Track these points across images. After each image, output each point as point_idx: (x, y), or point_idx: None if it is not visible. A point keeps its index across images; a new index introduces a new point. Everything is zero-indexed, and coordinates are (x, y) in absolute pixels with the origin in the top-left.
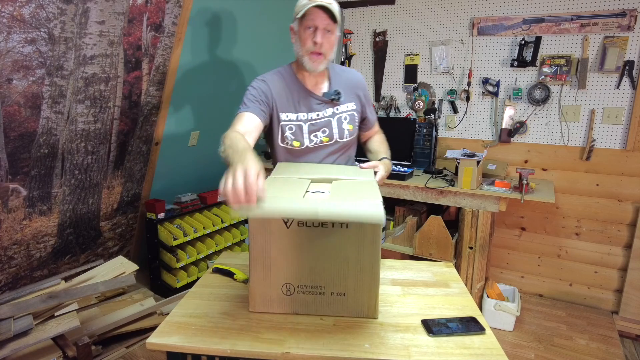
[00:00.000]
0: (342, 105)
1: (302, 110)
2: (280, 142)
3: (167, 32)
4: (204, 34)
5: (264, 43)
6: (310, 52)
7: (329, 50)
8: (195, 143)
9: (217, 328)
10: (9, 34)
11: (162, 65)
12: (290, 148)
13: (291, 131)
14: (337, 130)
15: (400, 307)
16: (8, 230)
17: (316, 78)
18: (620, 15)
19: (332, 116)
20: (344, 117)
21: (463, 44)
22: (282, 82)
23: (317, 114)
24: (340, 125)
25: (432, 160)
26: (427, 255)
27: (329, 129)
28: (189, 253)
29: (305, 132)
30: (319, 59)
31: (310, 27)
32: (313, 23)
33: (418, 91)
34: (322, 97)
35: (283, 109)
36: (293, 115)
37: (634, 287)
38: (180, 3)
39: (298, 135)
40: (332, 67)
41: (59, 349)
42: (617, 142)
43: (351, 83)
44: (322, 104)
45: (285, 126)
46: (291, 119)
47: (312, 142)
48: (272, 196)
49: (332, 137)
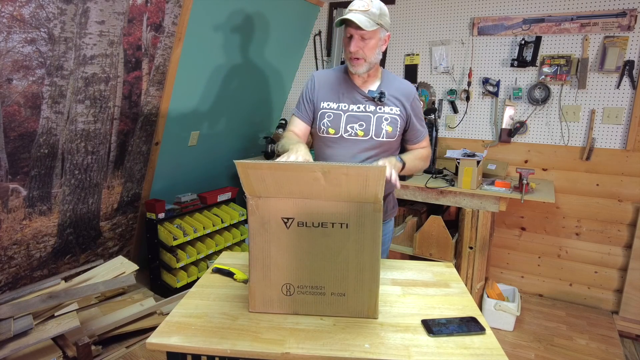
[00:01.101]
0: (386, 107)
1: (345, 101)
2: (317, 131)
3: (167, 32)
4: (204, 34)
5: (264, 42)
6: (349, 58)
7: (368, 54)
8: (195, 143)
9: (217, 328)
10: (9, 34)
11: (162, 65)
12: (326, 136)
13: (329, 119)
14: (374, 127)
15: (400, 307)
16: (8, 230)
17: (365, 78)
18: (620, 15)
19: (373, 113)
20: (384, 118)
21: (463, 44)
22: (333, 75)
23: (358, 107)
24: (380, 123)
25: (432, 160)
26: (427, 255)
27: (366, 124)
28: (189, 253)
29: (342, 121)
30: (359, 62)
31: (348, 35)
32: (348, 32)
33: (418, 91)
34: (367, 93)
35: (325, 98)
36: (334, 104)
37: (634, 287)
38: (180, 3)
39: (335, 123)
40: (387, 74)
41: (59, 349)
42: (617, 142)
43: (401, 92)
44: (366, 100)
45: (324, 114)
46: (332, 107)
47: (347, 133)
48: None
49: (368, 133)
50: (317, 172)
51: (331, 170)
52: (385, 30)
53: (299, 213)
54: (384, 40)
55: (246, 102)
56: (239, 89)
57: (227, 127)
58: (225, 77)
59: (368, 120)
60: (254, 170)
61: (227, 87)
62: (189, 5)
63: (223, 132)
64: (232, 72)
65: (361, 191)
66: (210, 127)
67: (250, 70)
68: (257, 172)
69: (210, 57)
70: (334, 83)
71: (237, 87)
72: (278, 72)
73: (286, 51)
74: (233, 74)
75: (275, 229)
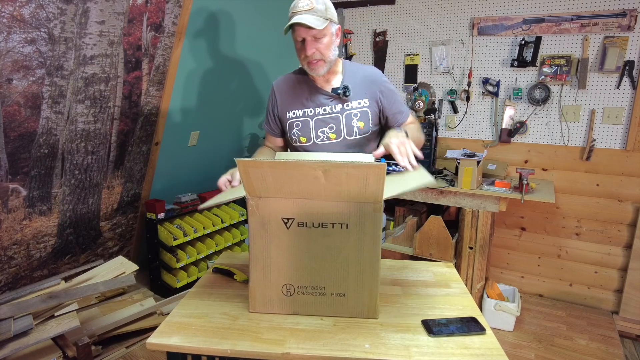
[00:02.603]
0: (353, 101)
1: (310, 106)
2: (290, 142)
3: (167, 32)
4: (204, 34)
5: (264, 42)
6: (306, 62)
7: (326, 53)
8: (195, 143)
9: (217, 328)
10: (9, 34)
11: (162, 65)
12: (299, 145)
13: (298, 127)
14: (345, 127)
15: (400, 307)
16: (8, 230)
17: (326, 77)
18: (621, 15)
19: (340, 112)
20: (354, 114)
21: (463, 44)
22: (292, 80)
23: (324, 109)
24: (350, 122)
25: (432, 160)
26: (427, 255)
27: (336, 125)
28: (189, 253)
29: (312, 127)
30: (318, 64)
31: (298, 39)
32: (299, 36)
33: (418, 91)
34: (330, 92)
35: (289, 107)
36: (300, 111)
37: (634, 287)
38: (180, 3)
39: (305, 131)
40: (346, 65)
41: (59, 349)
42: (617, 142)
43: (367, 79)
44: (331, 99)
45: (292, 123)
46: (298, 115)
47: (319, 139)
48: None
49: (340, 134)
50: (317, 170)
51: (331, 168)
52: (334, 24)
53: (299, 213)
54: (336, 34)
55: (246, 102)
56: (239, 89)
57: (227, 127)
58: (225, 77)
59: (337, 121)
60: (255, 168)
61: (227, 87)
62: (189, 5)
63: (223, 132)
64: (232, 72)
65: (361, 190)
66: (210, 127)
67: (250, 70)
68: (257, 171)
69: (210, 57)
70: (294, 88)
71: (237, 87)
72: (278, 72)
73: (286, 51)
74: (233, 74)
75: (275, 229)
